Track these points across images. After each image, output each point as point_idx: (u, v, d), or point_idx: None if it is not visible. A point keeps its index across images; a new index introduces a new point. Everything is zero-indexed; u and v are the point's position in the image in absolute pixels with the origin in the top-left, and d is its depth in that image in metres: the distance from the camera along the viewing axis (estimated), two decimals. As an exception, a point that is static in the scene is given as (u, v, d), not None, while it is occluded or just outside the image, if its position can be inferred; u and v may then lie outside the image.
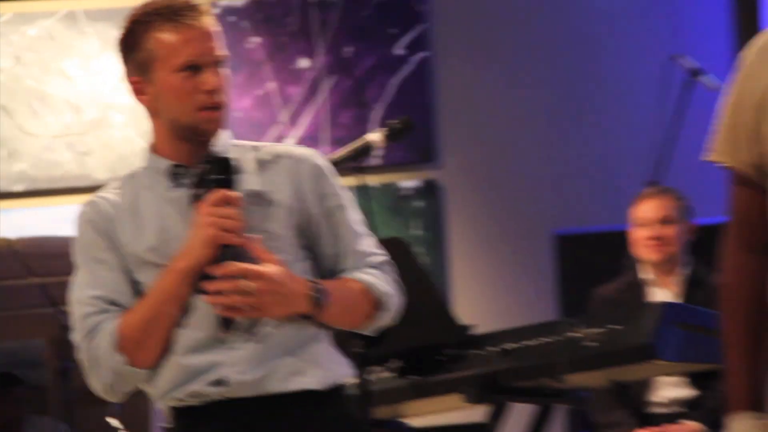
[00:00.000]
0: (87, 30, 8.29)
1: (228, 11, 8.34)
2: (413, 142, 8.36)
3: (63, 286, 3.83)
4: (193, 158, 3.72)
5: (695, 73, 6.75)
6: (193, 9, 3.71)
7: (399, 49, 8.61)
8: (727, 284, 3.16)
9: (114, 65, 4.18)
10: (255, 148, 3.85)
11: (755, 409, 3.07)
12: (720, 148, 3.14)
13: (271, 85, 8.50)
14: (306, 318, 3.65)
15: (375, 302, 3.74)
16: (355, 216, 3.84)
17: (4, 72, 8.41)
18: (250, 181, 3.75)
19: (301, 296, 3.61)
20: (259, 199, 3.73)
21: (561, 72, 8.65)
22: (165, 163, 3.74)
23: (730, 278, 3.16)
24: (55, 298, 5.68)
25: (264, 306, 3.60)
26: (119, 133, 8.21)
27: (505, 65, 8.70)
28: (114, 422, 6.09)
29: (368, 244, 3.84)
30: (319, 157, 3.89)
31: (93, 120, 8.32)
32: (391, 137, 5.21)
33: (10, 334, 8.11)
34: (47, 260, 6.73)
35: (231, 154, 3.77)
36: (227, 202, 3.61)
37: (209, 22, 3.70)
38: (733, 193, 3.15)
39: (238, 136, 3.82)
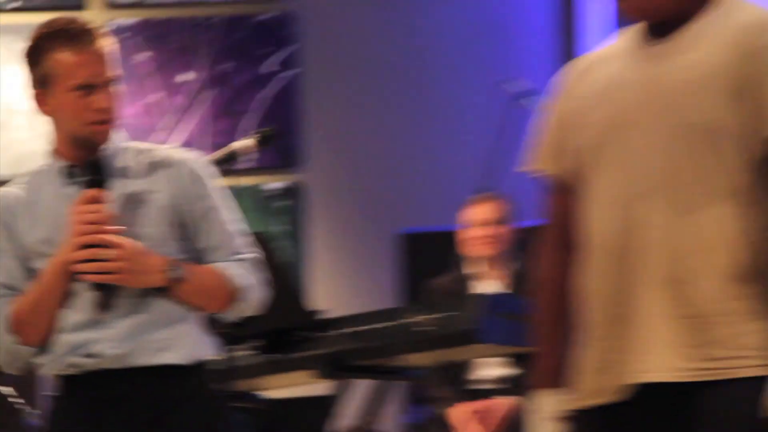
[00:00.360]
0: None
1: (121, 29, 8.21)
2: (281, 148, 8.44)
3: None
4: (82, 160, 3.72)
5: (520, 95, 6.81)
6: (90, 33, 3.70)
7: (271, 67, 8.59)
8: (538, 277, 3.19)
9: (18, 75, 4.18)
10: (143, 152, 3.84)
11: (556, 386, 3.08)
12: (542, 159, 3.17)
13: (157, 96, 8.47)
14: (162, 291, 3.65)
15: (232, 291, 3.73)
16: (229, 216, 3.83)
17: None
18: (132, 181, 3.74)
19: (157, 269, 3.63)
20: (134, 198, 3.72)
21: (408, 90, 8.64)
22: (62, 164, 3.74)
23: (544, 272, 3.19)
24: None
25: (122, 271, 3.60)
26: (21, 134, 8.13)
27: (362, 84, 8.69)
28: (6, 390, 6.03)
29: (239, 241, 3.84)
30: (199, 162, 3.89)
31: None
32: (260, 144, 5.20)
33: None
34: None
35: (119, 157, 3.77)
36: (94, 200, 3.61)
37: (103, 45, 3.69)
38: (550, 198, 3.17)
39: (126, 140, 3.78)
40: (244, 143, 4.92)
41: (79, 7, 8.02)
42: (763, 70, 2.93)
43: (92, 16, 3.89)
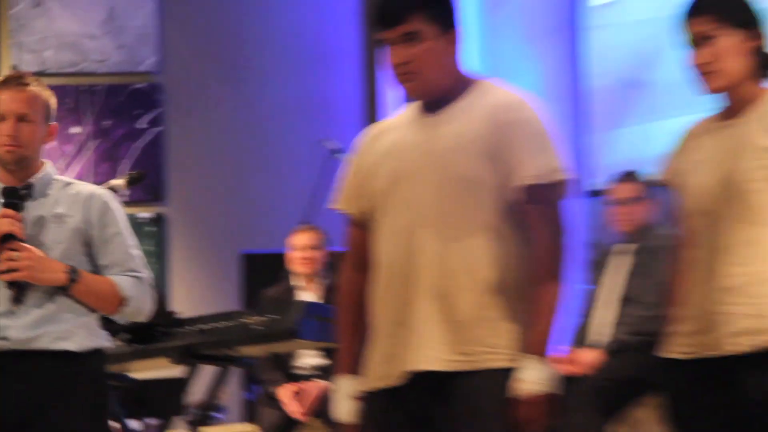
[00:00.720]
0: None
1: None
2: (149, 187, 8.31)
3: None
4: (19, 183, 3.66)
5: (335, 150, 6.83)
6: (15, 81, 3.69)
7: (142, 124, 8.41)
8: (341, 290, 3.21)
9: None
10: (67, 184, 3.78)
11: (353, 372, 3.11)
12: (343, 201, 3.19)
13: (53, 144, 8.35)
14: (63, 290, 3.59)
15: (121, 299, 3.67)
16: (129, 241, 3.77)
17: None
18: (55, 205, 3.68)
19: (57, 271, 3.56)
20: (55, 217, 3.65)
21: (249, 145, 8.54)
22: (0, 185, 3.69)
23: (344, 286, 3.20)
24: None
25: (28, 270, 3.54)
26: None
27: (213, 138, 8.59)
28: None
29: (135, 262, 3.76)
30: (109, 197, 3.82)
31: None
32: (129, 183, 5.22)
33: None
34: None
35: (49, 186, 3.70)
36: (10, 217, 3.55)
37: (22, 90, 3.64)
38: (349, 230, 3.20)
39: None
40: (117, 182, 4.91)
41: (-8, 75, 7.82)
42: (509, 139, 2.95)
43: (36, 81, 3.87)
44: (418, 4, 2.98)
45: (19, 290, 3.59)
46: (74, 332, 3.66)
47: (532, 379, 2.90)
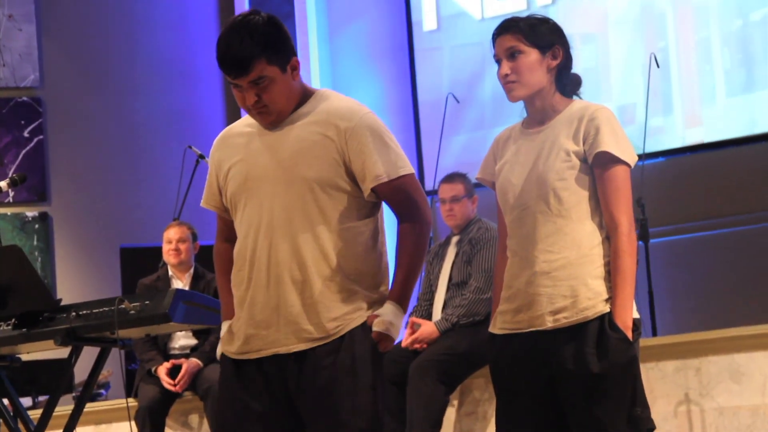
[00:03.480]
0: None
1: None
2: (34, 188, 8.28)
3: None
4: None
5: (200, 156, 6.77)
6: None
7: (26, 133, 8.32)
8: (217, 258, 3.20)
9: None
10: None
11: (231, 318, 3.09)
12: (205, 199, 3.16)
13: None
14: None
15: None
16: None
17: None
18: None
19: None
20: None
21: (125, 150, 8.52)
22: None
23: (217, 256, 3.20)
24: None
25: None
26: None
27: (92, 144, 8.52)
28: None
29: None
30: None
31: None
32: (13, 184, 5.14)
33: None
34: None
35: None
36: None
37: None
38: (218, 218, 3.19)
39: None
40: (1, 183, 4.86)
41: None
42: (344, 142, 2.95)
43: None
44: (257, 53, 2.93)
45: None
46: None
47: (388, 317, 2.95)
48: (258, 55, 2.93)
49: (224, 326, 3.13)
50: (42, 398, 4.92)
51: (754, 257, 6.98)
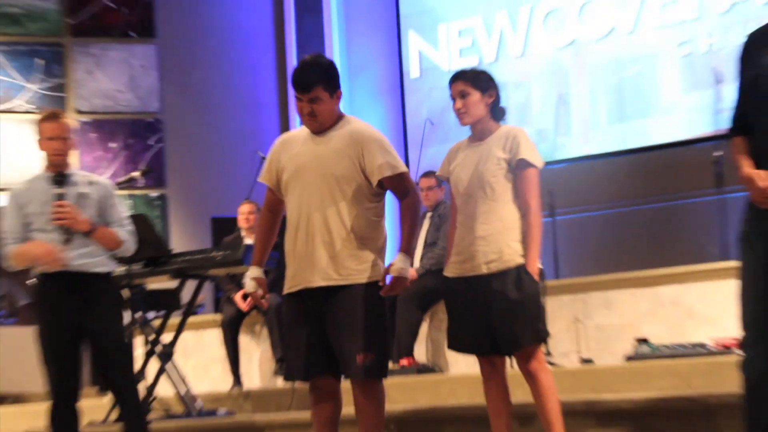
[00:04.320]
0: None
1: (83, 123, 7.93)
2: (156, 177, 8.22)
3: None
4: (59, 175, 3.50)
5: (263, 157, 6.39)
6: (54, 116, 3.52)
7: (151, 142, 8.27)
8: (260, 222, 3.13)
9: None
10: (87, 175, 3.62)
11: (258, 265, 3.03)
12: (262, 176, 3.08)
13: (96, 153, 8.19)
14: (89, 233, 3.44)
15: (119, 242, 3.53)
16: (122, 209, 3.61)
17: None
18: (81, 188, 3.51)
19: (86, 223, 3.43)
20: (83, 195, 3.50)
21: (218, 151, 8.34)
22: (47, 174, 3.52)
23: (261, 220, 3.13)
24: None
25: (69, 219, 3.39)
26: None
27: (195, 148, 8.33)
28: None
29: (125, 221, 3.60)
30: (110, 183, 3.68)
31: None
32: (143, 174, 5.11)
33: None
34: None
35: (76, 176, 3.53)
36: (59, 193, 3.44)
37: (62, 122, 3.50)
38: (268, 191, 3.07)
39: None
40: (135, 174, 4.80)
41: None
42: (361, 151, 2.89)
43: (69, 118, 3.76)
44: (318, 80, 2.89)
45: (67, 233, 3.41)
46: (102, 262, 3.51)
47: (401, 264, 2.88)
48: (318, 83, 2.91)
49: (251, 270, 3.05)
50: (160, 313, 4.93)
51: (623, 230, 6.94)
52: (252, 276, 3.05)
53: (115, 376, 3.46)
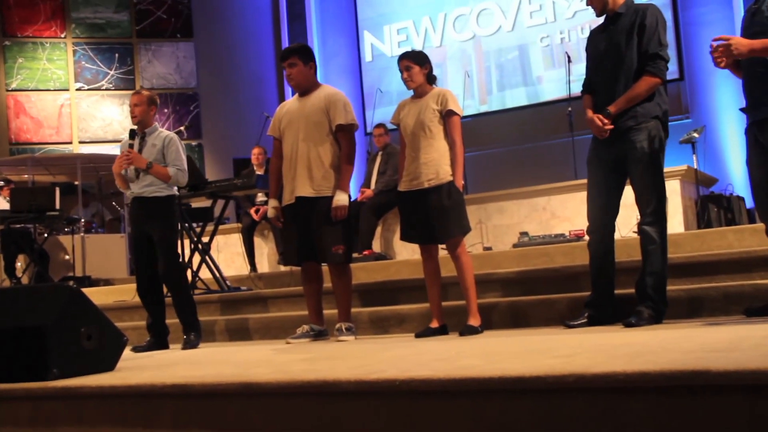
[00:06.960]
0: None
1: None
2: (195, 131, 7.89)
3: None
4: (140, 131, 3.24)
5: (267, 116, 6.13)
6: (137, 92, 3.29)
7: (191, 108, 7.92)
8: (272, 165, 2.95)
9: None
10: (157, 129, 3.27)
11: (275, 198, 2.88)
12: (270, 130, 2.97)
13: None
14: (148, 169, 3.16)
15: (169, 176, 3.18)
16: (177, 153, 3.23)
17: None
18: (152, 139, 3.22)
19: (143, 163, 3.15)
20: (154, 144, 3.21)
21: (236, 115, 7.99)
22: (132, 130, 3.24)
23: (273, 164, 2.95)
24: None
25: (133, 161, 3.17)
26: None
27: (222, 112, 7.96)
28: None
29: (178, 162, 3.21)
30: (171, 134, 3.27)
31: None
32: (186, 129, 4.90)
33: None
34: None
35: (150, 130, 3.24)
36: (130, 144, 3.21)
37: (139, 95, 3.25)
38: (274, 143, 2.95)
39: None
40: (181, 128, 4.61)
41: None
42: (330, 106, 2.80)
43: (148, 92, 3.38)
44: (294, 52, 2.89)
45: (137, 170, 3.23)
46: (159, 189, 3.22)
47: (339, 198, 2.82)
48: (294, 54, 2.92)
49: (271, 201, 2.97)
50: (200, 223, 4.68)
51: (510, 162, 6.99)
52: (272, 206, 3.00)
53: (165, 266, 3.23)
